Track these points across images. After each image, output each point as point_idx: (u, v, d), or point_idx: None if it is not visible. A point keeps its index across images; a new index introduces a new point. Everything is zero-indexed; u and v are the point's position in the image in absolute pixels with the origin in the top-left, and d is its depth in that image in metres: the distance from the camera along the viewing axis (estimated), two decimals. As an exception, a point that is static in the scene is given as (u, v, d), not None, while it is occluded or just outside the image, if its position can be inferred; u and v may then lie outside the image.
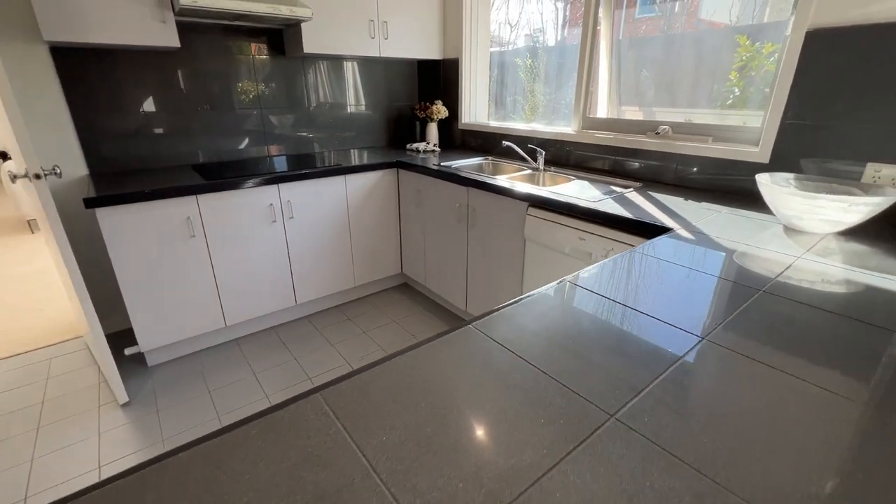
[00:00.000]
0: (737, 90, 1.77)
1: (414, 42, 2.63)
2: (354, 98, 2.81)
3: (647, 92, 2.05)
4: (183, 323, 2.01)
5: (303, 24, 2.19)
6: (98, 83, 2.00)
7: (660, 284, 0.92)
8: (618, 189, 1.78)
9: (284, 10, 1.99)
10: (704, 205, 1.54)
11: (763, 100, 1.67)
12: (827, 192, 1.29)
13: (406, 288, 2.82)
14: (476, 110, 2.84)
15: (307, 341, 2.25)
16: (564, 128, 2.30)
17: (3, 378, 1.98)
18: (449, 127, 2.95)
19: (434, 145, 2.85)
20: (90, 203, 1.63)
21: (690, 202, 1.57)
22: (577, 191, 1.75)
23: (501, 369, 0.64)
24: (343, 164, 2.33)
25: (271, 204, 2.11)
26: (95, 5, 1.69)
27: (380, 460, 0.49)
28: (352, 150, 2.81)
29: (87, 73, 1.96)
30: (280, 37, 2.42)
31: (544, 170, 2.21)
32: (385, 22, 2.46)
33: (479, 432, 0.53)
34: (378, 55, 2.51)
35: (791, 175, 1.38)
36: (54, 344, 2.25)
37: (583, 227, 1.55)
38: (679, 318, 0.78)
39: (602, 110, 2.19)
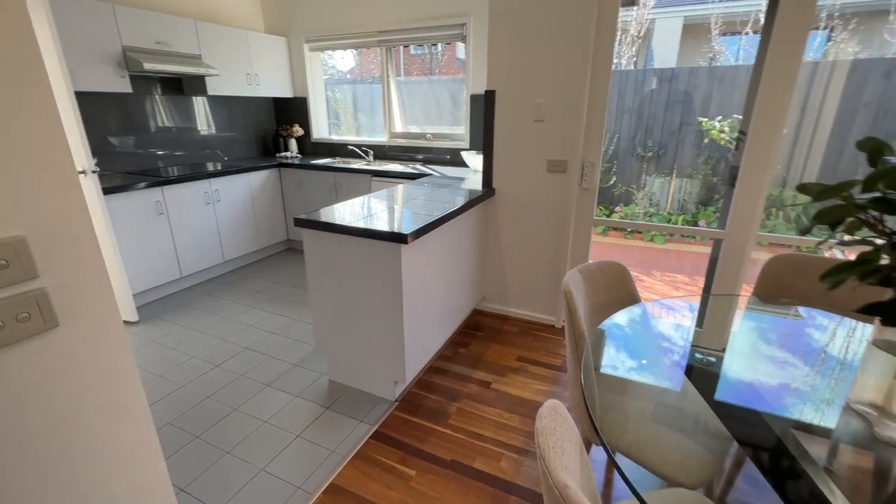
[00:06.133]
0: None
1: (274, 86, 4.02)
2: (234, 124, 4.00)
3: (420, 116, 4.00)
4: (156, 272, 3.00)
5: (206, 77, 3.38)
6: (88, 116, 2.83)
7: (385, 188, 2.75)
8: (412, 165, 3.65)
9: (202, 70, 3.20)
10: (447, 168, 3.51)
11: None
12: (485, 156, 3.37)
13: (292, 249, 4.17)
14: (321, 129, 4.38)
15: (238, 282, 3.44)
16: (380, 137, 4.09)
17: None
18: (303, 141, 4.40)
19: (296, 153, 4.27)
20: (107, 191, 2.60)
21: (442, 167, 3.53)
22: (394, 167, 3.54)
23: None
24: (246, 165, 3.58)
25: (206, 192, 3.26)
26: (86, 70, 2.65)
27: (363, 207, 2.12)
28: (241, 160, 4.00)
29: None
30: (179, 82, 3.50)
31: (374, 161, 3.95)
32: (257, 74, 3.80)
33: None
34: (255, 95, 3.82)
35: (476, 151, 3.44)
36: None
37: (397, 181, 3.33)
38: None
39: (398, 126, 4.04)
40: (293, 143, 4.28)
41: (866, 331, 1.32)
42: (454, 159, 3.71)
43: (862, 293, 1.18)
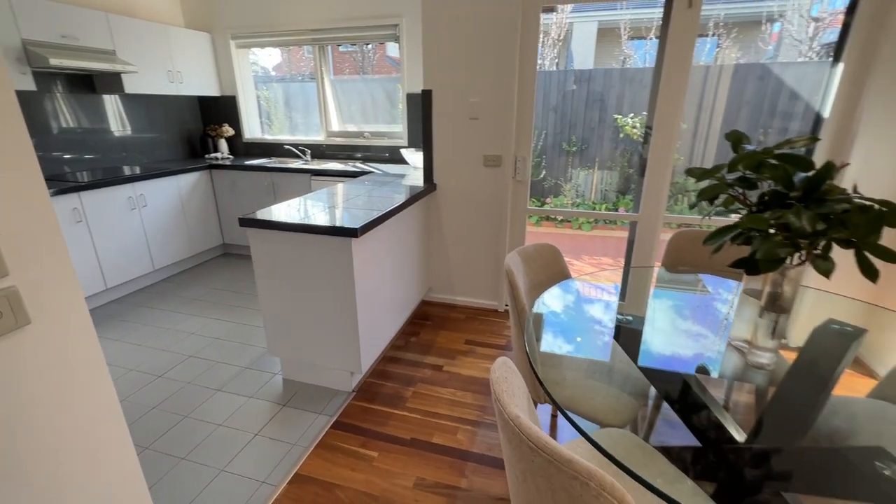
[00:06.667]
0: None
1: (199, 84, 3.83)
2: (155, 124, 3.76)
3: (356, 114, 4.02)
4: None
5: (122, 75, 3.16)
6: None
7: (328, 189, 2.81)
8: (351, 163, 3.68)
9: (119, 67, 3.00)
10: (387, 166, 3.59)
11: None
12: (424, 153, 3.49)
13: (228, 254, 4.01)
14: (253, 129, 4.24)
15: (173, 291, 3.27)
16: (317, 136, 4.06)
17: None
18: (234, 142, 4.23)
19: (227, 154, 4.11)
20: None
21: (382, 165, 3.60)
22: (334, 166, 3.55)
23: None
24: (173, 168, 3.40)
25: (130, 197, 3.06)
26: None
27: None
28: (165, 162, 3.77)
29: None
30: (91, 79, 3.24)
31: (312, 160, 3.92)
32: (179, 71, 3.61)
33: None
34: (178, 94, 3.63)
35: (414, 149, 3.55)
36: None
37: (338, 179, 3.35)
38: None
39: (335, 125, 4.04)
40: (223, 144, 4.11)
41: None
42: (393, 157, 3.79)
43: (735, 253, 1.46)
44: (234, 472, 1.66)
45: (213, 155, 4.03)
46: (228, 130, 4.08)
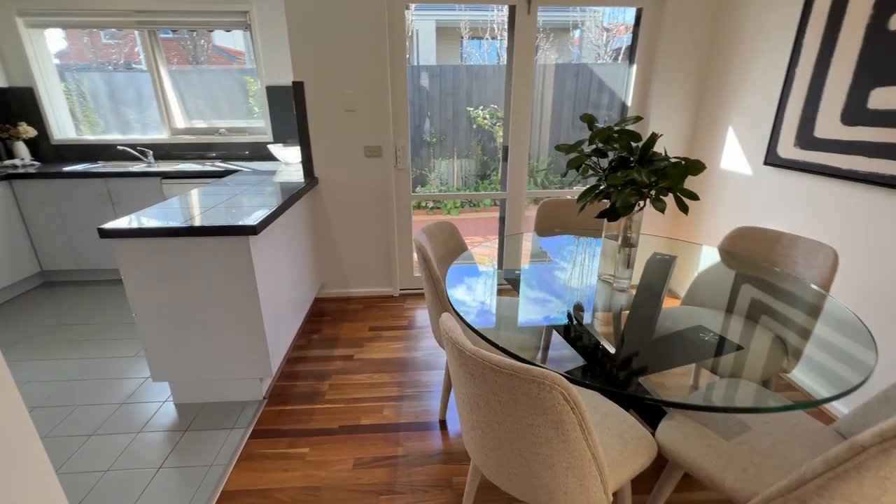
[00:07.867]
0: (256, 108, 3.64)
1: (-26, 72, 2.99)
2: None
3: (206, 109, 3.62)
4: None
5: None
6: None
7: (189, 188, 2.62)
8: (209, 162, 3.33)
9: None
10: (253, 163, 3.35)
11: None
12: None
13: (51, 283, 3.25)
14: (64, 128, 3.48)
15: (-19, 335, 2.55)
16: (159, 135, 3.54)
17: None
18: (39, 144, 3.41)
19: (31, 161, 3.30)
20: None
21: (246, 163, 3.35)
22: (189, 167, 3.17)
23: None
24: (-49, 180, 2.62)
25: None
26: None
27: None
28: (-76, 174, 2.85)
29: None
30: None
31: (156, 162, 3.41)
32: (-60, 55, 2.76)
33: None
34: (-59, 84, 2.77)
35: (283, 144, 3.38)
36: None
37: (198, 181, 3.01)
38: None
39: (180, 122, 3.57)
40: (22, 148, 3.29)
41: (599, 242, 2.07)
42: (257, 153, 3.55)
43: (593, 212, 1.86)
44: (144, 513, 1.47)
45: (8, 162, 3.19)
46: (28, 131, 3.27)
